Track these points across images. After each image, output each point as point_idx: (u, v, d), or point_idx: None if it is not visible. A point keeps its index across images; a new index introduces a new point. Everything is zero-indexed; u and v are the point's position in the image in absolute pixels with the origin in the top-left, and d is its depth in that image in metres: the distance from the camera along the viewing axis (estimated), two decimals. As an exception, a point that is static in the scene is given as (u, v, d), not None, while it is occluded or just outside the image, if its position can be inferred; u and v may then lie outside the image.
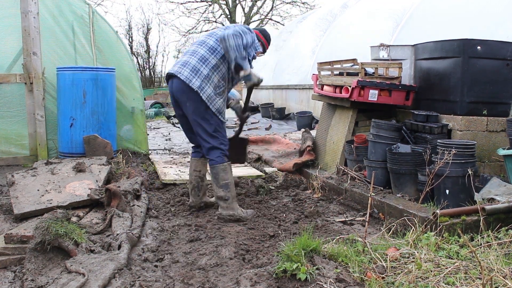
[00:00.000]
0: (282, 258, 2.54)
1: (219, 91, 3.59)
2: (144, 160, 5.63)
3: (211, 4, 24.85)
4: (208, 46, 3.59)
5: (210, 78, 3.53)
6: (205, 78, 3.52)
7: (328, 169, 4.87)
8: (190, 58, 3.58)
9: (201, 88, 3.49)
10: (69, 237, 2.77)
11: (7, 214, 3.56)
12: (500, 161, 3.97)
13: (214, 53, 3.56)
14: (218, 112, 3.59)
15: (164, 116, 13.43)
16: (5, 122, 5.39)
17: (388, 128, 4.11)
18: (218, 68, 3.57)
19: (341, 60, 4.98)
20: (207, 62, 3.55)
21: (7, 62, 5.47)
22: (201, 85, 3.50)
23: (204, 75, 3.52)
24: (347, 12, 10.09)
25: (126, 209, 3.51)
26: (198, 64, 3.54)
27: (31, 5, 5.14)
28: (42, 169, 4.17)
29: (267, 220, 3.63)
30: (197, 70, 3.52)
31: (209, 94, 3.52)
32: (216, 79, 3.57)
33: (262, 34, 3.85)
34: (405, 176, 3.76)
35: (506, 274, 2.25)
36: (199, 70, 3.52)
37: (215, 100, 3.56)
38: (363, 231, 3.12)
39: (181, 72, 3.54)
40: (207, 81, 3.52)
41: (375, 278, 2.35)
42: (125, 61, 5.78)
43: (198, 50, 3.60)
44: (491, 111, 4.09)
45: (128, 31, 26.18)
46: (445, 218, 2.98)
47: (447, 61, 4.22)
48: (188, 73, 3.52)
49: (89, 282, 2.37)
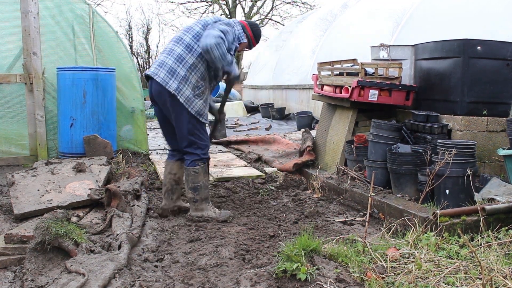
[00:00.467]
0: (282, 258, 2.54)
1: (198, 92, 3.44)
2: (144, 160, 5.63)
3: (211, 4, 24.85)
4: (184, 43, 3.42)
5: (187, 79, 3.39)
6: (183, 79, 3.38)
7: (328, 169, 4.87)
8: (166, 58, 3.44)
9: (178, 91, 3.37)
10: (69, 237, 2.77)
11: (7, 214, 3.56)
12: (500, 161, 3.97)
13: (191, 52, 3.40)
14: (197, 114, 3.45)
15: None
16: (5, 122, 5.39)
17: (388, 128, 4.11)
18: (196, 67, 3.41)
19: (341, 60, 4.98)
20: (184, 62, 3.40)
21: (7, 62, 5.46)
22: (178, 87, 3.37)
23: (181, 76, 3.38)
24: (347, 12, 10.09)
25: (126, 209, 3.51)
26: (174, 65, 3.39)
27: (31, 5, 5.14)
28: (42, 169, 4.17)
29: (267, 220, 3.63)
30: (174, 71, 3.39)
31: (187, 96, 3.39)
32: (194, 80, 3.42)
33: (251, 29, 3.65)
34: (405, 176, 3.76)
35: (506, 274, 2.25)
36: (176, 71, 3.38)
37: (194, 102, 3.42)
38: (363, 231, 3.11)
39: (158, 73, 3.41)
40: (185, 83, 3.39)
41: (375, 278, 2.35)
42: (125, 61, 5.78)
43: (174, 49, 3.44)
44: (491, 111, 4.09)
45: (128, 31, 26.16)
46: (445, 218, 2.98)
47: (447, 61, 4.22)
48: (164, 74, 3.39)
49: (89, 282, 2.37)
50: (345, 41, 8.93)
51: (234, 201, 4.16)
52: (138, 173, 4.73)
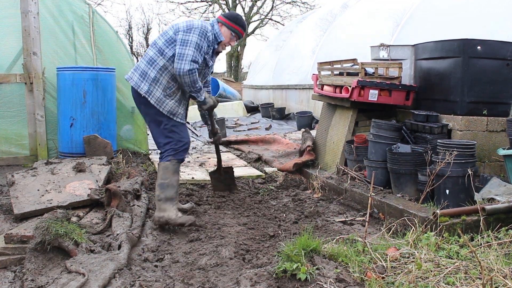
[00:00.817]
0: (282, 258, 2.54)
1: (169, 92, 3.49)
2: (144, 160, 5.63)
3: (211, 4, 24.84)
4: (157, 47, 3.50)
5: (158, 81, 3.46)
6: (153, 81, 3.45)
7: (328, 169, 4.87)
8: (141, 62, 3.56)
9: (149, 93, 3.45)
10: (69, 237, 2.77)
11: (7, 214, 3.56)
12: (500, 161, 3.97)
13: (162, 55, 3.47)
14: (170, 114, 3.49)
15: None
16: (5, 122, 5.39)
17: (388, 128, 4.11)
18: (167, 69, 3.47)
19: (341, 60, 4.98)
20: (154, 64, 3.47)
21: (7, 62, 5.46)
22: (149, 89, 3.45)
23: (152, 78, 3.46)
24: (347, 12, 10.08)
25: (126, 209, 3.51)
26: (146, 67, 3.49)
27: (31, 5, 5.14)
28: (42, 169, 4.17)
29: (267, 220, 3.63)
30: (145, 73, 3.48)
31: (158, 97, 3.46)
32: (165, 81, 3.47)
33: (233, 22, 3.64)
34: (405, 176, 3.76)
35: (506, 274, 2.25)
36: (147, 73, 3.48)
37: (165, 102, 3.47)
38: (363, 231, 3.11)
39: (132, 77, 3.54)
40: (155, 84, 3.46)
41: (375, 278, 2.35)
42: (125, 61, 5.78)
43: (148, 52, 3.55)
44: (491, 111, 4.10)
45: (128, 31, 26.19)
46: (445, 218, 2.99)
47: (447, 61, 4.22)
48: (137, 78, 3.50)
49: (89, 282, 2.37)
50: (345, 41, 8.93)
51: (234, 201, 4.16)
52: (138, 173, 4.73)
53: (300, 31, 12.19)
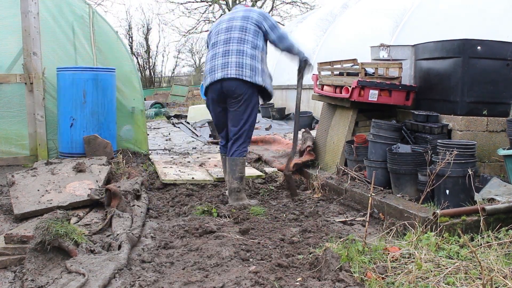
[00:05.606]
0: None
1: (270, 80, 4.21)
2: (144, 160, 5.64)
3: (211, 4, 24.86)
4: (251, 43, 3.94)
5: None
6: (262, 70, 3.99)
7: (328, 169, 4.87)
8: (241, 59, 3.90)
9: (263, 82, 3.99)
10: (69, 237, 2.77)
11: (7, 214, 3.56)
12: (500, 161, 3.97)
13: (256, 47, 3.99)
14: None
15: (164, 116, 13.42)
16: (5, 122, 5.39)
17: (388, 128, 4.11)
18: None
19: (341, 60, 4.98)
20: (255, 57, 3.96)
21: (7, 62, 5.46)
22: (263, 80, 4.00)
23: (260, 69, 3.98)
24: (347, 12, 10.09)
25: (126, 209, 3.51)
26: (252, 62, 3.94)
27: (31, 5, 5.14)
28: (42, 169, 4.17)
29: (267, 220, 3.63)
30: (254, 67, 3.95)
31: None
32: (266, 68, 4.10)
33: None
34: (405, 176, 3.76)
35: (506, 274, 2.25)
36: (255, 66, 3.96)
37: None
38: (363, 231, 3.11)
39: (241, 74, 3.88)
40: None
41: (375, 278, 2.35)
42: (125, 61, 5.78)
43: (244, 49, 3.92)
44: (491, 111, 4.09)
45: (128, 31, 26.22)
46: (445, 218, 2.98)
47: (447, 61, 4.22)
48: (249, 73, 3.91)
49: (89, 282, 2.37)
50: (345, 41, 8.93)
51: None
52: (138, 173, 4.73)
53: (300, 31, 12.20)
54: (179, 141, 7.98)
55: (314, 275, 2.49)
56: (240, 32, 3.92)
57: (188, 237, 3.22)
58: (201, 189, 4.57)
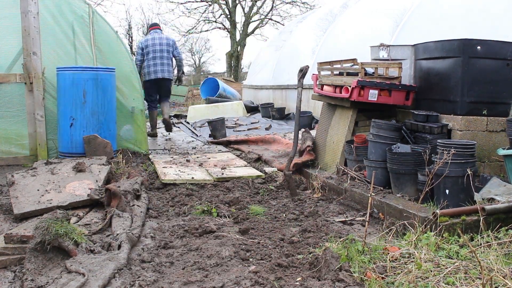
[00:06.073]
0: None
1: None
2: (144, 160, 5.63)
3: (211, 4, 24.85)
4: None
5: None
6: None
7: (328, 169, 4.87)
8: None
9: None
10: (69, 237, 2.77)
11: (7, 214, 3.56)
12: (500, 161, 3.97)
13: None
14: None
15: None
16: (5, 122, 5.39)
17: (388, 128, 4.11)
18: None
19: (341, 60, 4.98)
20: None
21: (7, 62, 5.46)
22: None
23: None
24: (347, 12, 10.08)
25: (126, 209, 3.51)
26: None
27: (31, 5, 5.14)
28: (42, 169, 4.17)
29: (267, 220, 3.63)
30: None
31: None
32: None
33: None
34: (405, 176, 3.76)
35: (506, 274, 2.25)
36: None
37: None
38: (363, 231, 3.11)
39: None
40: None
41: (375, 278, 2.35)
42: (125, 61, 5.78)
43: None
44: (491, 111, 4.09)
45: (128, 31, 26.19)
46: (445, 218, 2.98)
47: (447, 61, 4.22)
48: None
49: (89, 282, 2.37)
50: (345, 41, 8.92)
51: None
52: (138, 173, 4.73)
53: (300, 31, 12.18)
54: (179, 141, 7.98)
55: (314, 275, 2.49)
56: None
57: (188, 237, 3.22)
58: (201, 189, 4.57)
